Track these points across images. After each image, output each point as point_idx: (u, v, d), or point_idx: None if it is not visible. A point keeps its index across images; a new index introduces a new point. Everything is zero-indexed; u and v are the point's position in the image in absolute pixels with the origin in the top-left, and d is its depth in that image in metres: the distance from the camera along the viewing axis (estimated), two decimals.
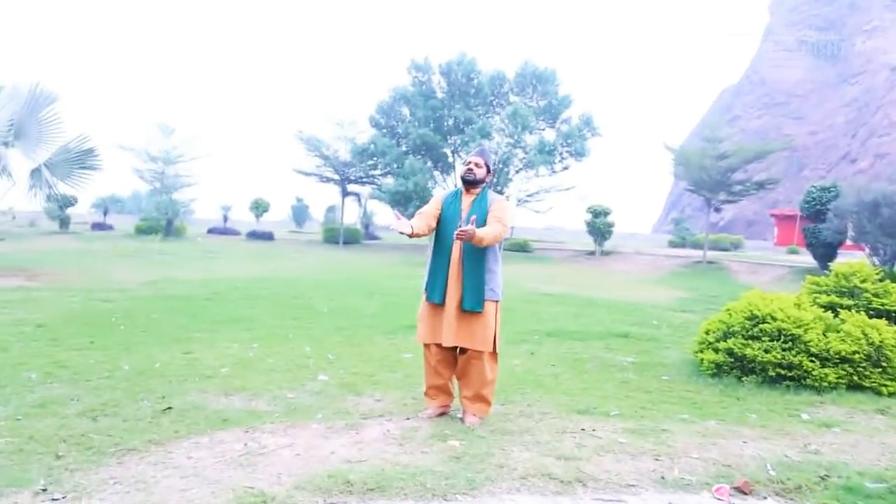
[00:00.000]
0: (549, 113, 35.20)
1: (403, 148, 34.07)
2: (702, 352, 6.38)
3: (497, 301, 4.37)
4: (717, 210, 30.12)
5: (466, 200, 4.49)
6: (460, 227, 4.04)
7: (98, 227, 36.83)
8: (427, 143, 33.09)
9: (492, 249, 4.34)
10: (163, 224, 32.53)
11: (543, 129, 35.47)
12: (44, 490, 3.06)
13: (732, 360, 6.00)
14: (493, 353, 4.40)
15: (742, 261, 24.84)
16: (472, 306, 4.24)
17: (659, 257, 26.89)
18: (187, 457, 3.49)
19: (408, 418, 4.33)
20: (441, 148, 34.03)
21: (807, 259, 23.65)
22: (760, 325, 5.94)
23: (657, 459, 3.57)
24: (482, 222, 4.28)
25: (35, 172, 14.94)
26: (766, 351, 5.76)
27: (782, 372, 5.68)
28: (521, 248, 30.56)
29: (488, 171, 4.57)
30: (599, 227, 28.34)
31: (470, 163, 4.53)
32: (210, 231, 37.80)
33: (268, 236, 34.41)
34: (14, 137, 14.76)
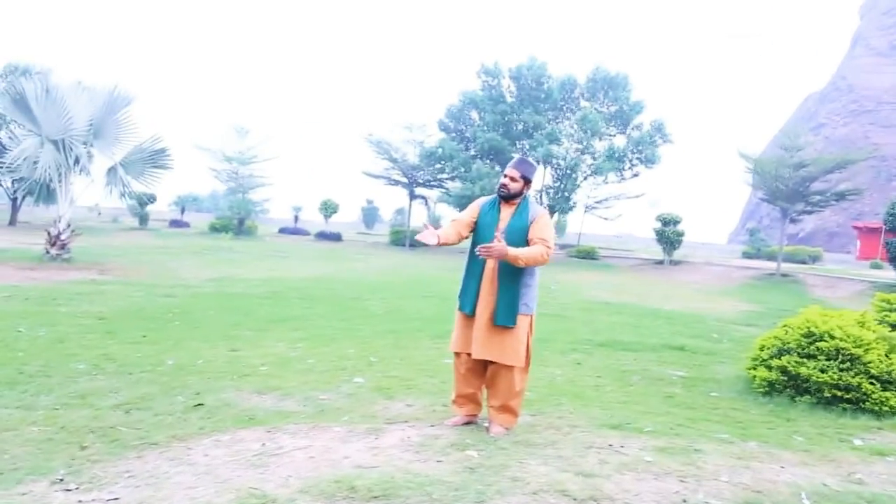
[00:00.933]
0: (619, 118, 34.51)
1: (471, 152, 34.10)
2: (754, 368, 6.07)
3: (530, 315, 4.23)
4: (794, 221, 28.85)
5: (506, 210, 4.29)
6: (497, 239, 3.92)
7: (175, 223, 38.36)
8: (495, 148, 33.01)
9: None
10: (234, 223, 33.53)
11: (613, 135, 34.82)
12: (60, 480, 3.14)
13: (786, 378, 5.68)
14: (524, 366, 4.28)
15: (819, 274, 23.73)
16: (504, 322, 4.09)
17: (730, 268, 25.97)
18: (204, 454, 3.52)
19: (432, 425, 4.26)
20: (509, 152, 33.82)
21: (890, 274, 22.41)
22: (818, 343, 5.60)
23: (682, 481, 3.39)
24: (521, 235, 4.13)
25: (111, 171, 15.71)
26: (823, 370, 5.43)
27: (839, 393, 5.34)
28: (587, 255, 30.08)
29: (527, 183, 4.34)
30: (668, 235, 27.64)
31: (506, 177, 4.30)
32: (281, 231, 38.80)
33: (335, 237, 35.04)
34: (93, 137, 15.52)
